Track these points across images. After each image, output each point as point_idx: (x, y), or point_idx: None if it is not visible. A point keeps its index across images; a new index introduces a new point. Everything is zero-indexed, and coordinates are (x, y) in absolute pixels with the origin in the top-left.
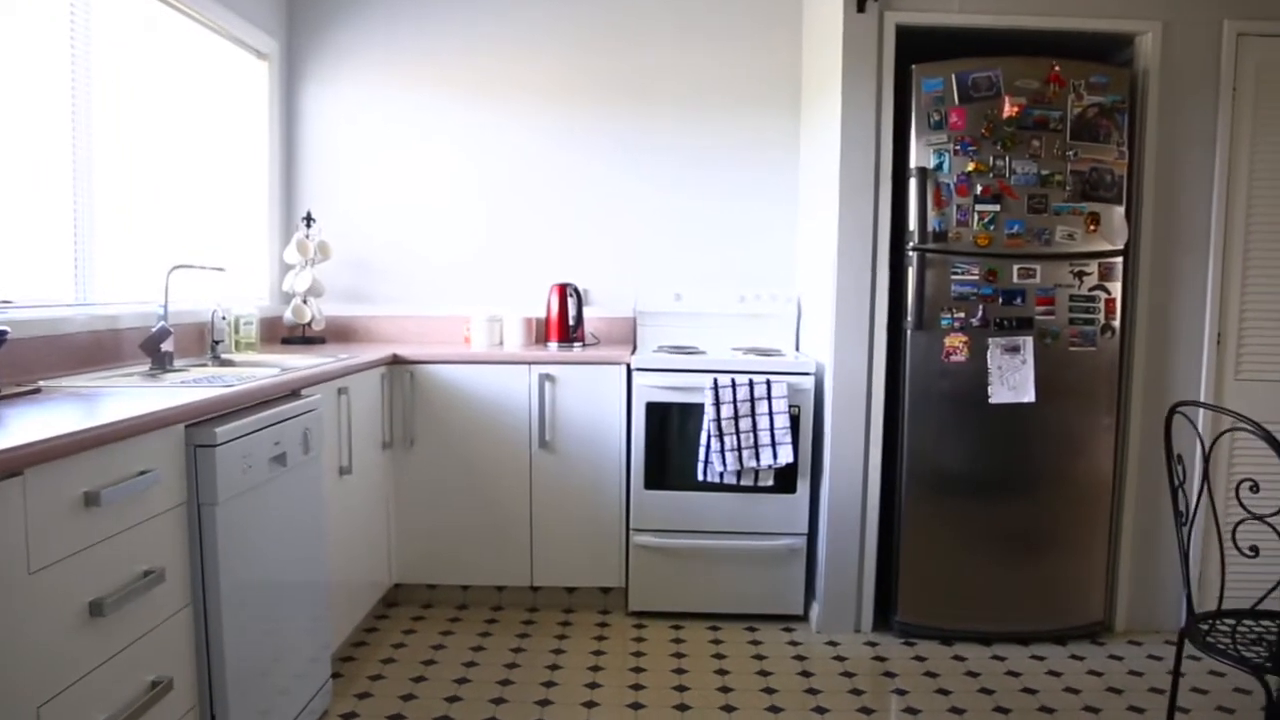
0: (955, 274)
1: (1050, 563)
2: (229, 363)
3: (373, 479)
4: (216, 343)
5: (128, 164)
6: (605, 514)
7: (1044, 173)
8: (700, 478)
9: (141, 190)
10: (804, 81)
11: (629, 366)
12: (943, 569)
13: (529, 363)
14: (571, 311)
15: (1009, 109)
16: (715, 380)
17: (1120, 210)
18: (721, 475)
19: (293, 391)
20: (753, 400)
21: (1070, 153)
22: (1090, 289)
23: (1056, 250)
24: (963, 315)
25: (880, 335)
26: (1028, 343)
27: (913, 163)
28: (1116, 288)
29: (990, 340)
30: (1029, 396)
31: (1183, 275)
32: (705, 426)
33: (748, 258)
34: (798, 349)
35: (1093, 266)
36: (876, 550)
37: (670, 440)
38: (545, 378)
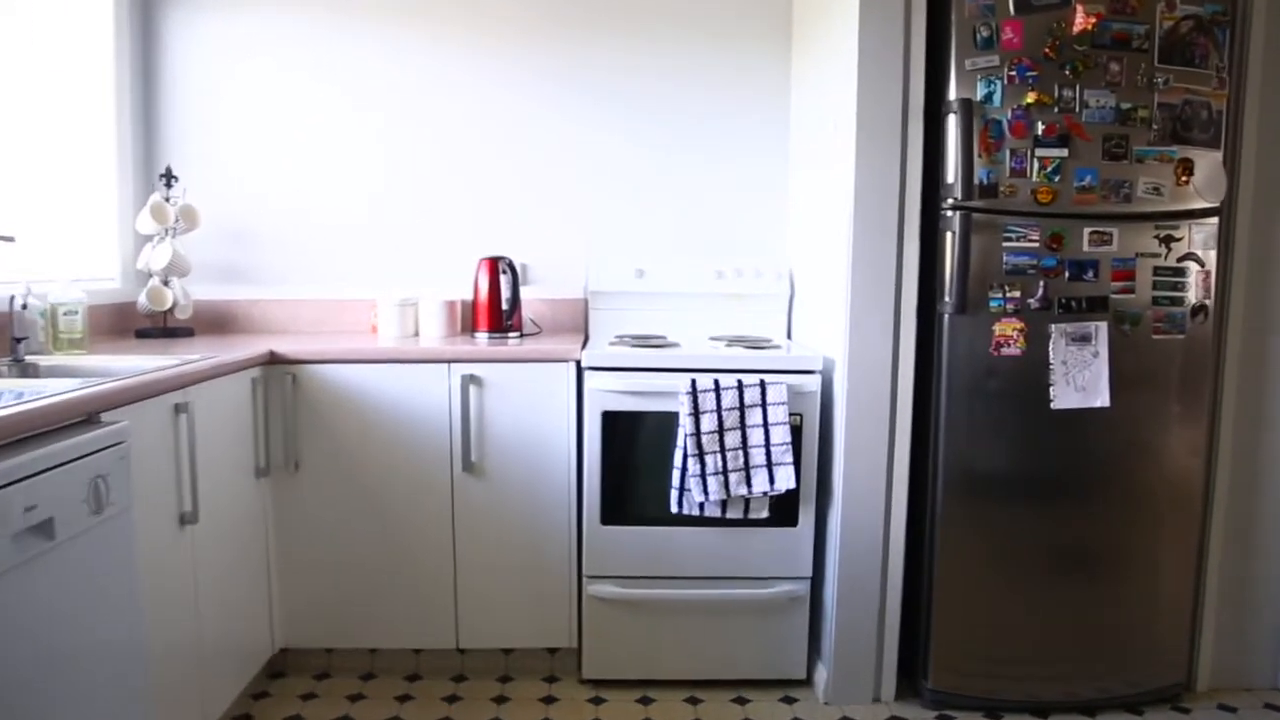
0: (1008, 240)
1: (1122, 610)
2: (32, 369)
3: (239, 520)
4: (18, 340)
5: None
6: (551, 557)
7: (1124, 106)
8: (675, 509)
9: None
10: (797, 1)
11: (579, 364)
12: (986, 621)
13: (449, 360)
14: (505, 292)
15: (1082, 21)
16: (693, 382)
17: (1218, 156)
18: (702, 506)
19: (88, 417)
20: (742, 408)
21: (1159, 80)
22: (1180, 259)
23: (1138, 209)
24: (1018, 295)
25: (909, 321)
26: (1101, 330)
27: (953, 93)
28: (1212, 257)
29: (1053, 327)
30: (1102, 399)
31: None
32: (681, 443)
33: (727, 224)
34: (789, 337)
35: (1183, 229)
36: (901, 597)
37: (635, 461)
38: (470, 380)
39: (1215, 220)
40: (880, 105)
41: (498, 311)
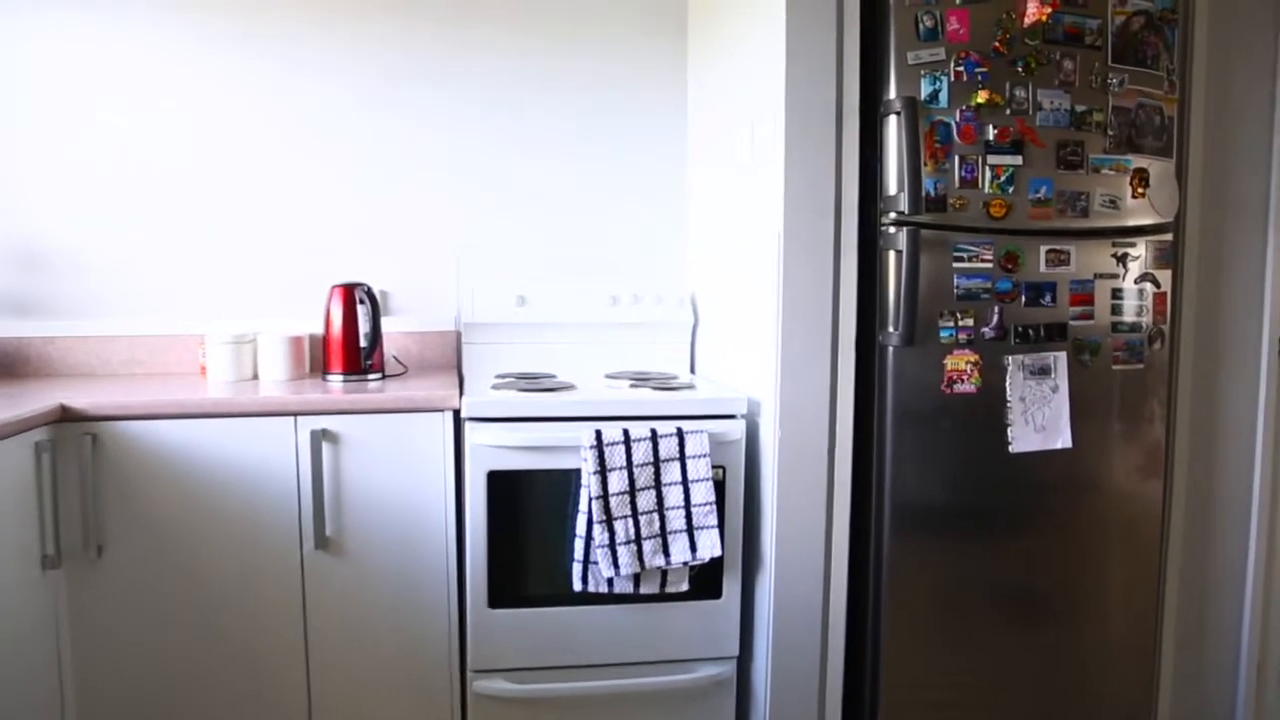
0: (959, 260)
1: (1080, 654)
2: None
3: (19, 627)
4: None
5: None
6: (427, 650)
7: (1079, 109)
8: (578, 586)
9: None
10: None
11: (458, 414)
12: (938, 675)
13: (295, 412)
14: (363, 325)
15: (1035, 12)
16: (598, 434)
17: (1171, 166)
18: (611, 581)
19: None
20: (657, 463)
21: (1113, 81)
22: (1137, 280)
23: (1095, 224)
24: (970, 323)
25: (848, 356)
26: (1061, 361)
27: (893, 91)
28: (1167, 277)
29: (1010, 359)
30: (1063, 440)
31: (1235, 257)
32: (585, 507)
33: (621, 242)
34: (693, 371)
35: (1140, 246)
36: (844, 675)
37: (528, 530)
38: (322, 435)
39: (1170, 236)
40: (812, 104)
41: (354, 348)
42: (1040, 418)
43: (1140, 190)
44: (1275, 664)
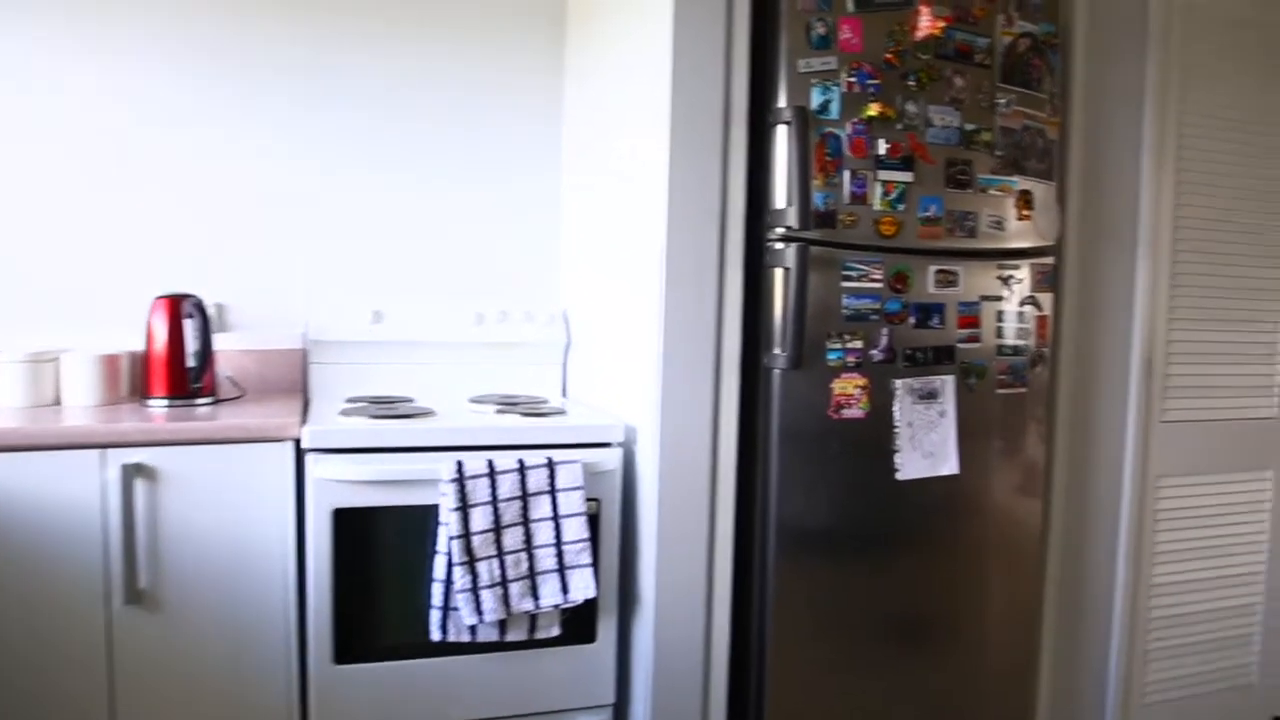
0: (848, 279)
1: (965, 676)
2: None
3: None
4: None
5: None
6: (263, 714)
7: (968, 127)
8: (437, 635)
9: None
10: None
11: (299, 444)
12: (826, 706)
13: (104, 444)
14: (192, 343)
15: (928, 25)
16: (460, 466)
17: (1054, 189)
18: (474, 629)
19: None
20: (525, 497)
21: (1000, 101)
22: (1021, 302)
23: (982, 244)
24: (859, 345)
25: (731, 379)
26: (948, 385)
27: (783, 99)
28: (1049, 300)
29: (898, 383)
30: (950, 466)
31: (1109, 280)
32: (445, 547)
33: (488, 255)
34: (564, 395)
35: (1024, 269)
36: (728, 712)
37: (379, 574)
38: (135, 472)
39: (1051, 259)
40: (698, 111)
41: (181, 369)
42: (928, 443)
43: (1025, 212)
44: (1139, 682)
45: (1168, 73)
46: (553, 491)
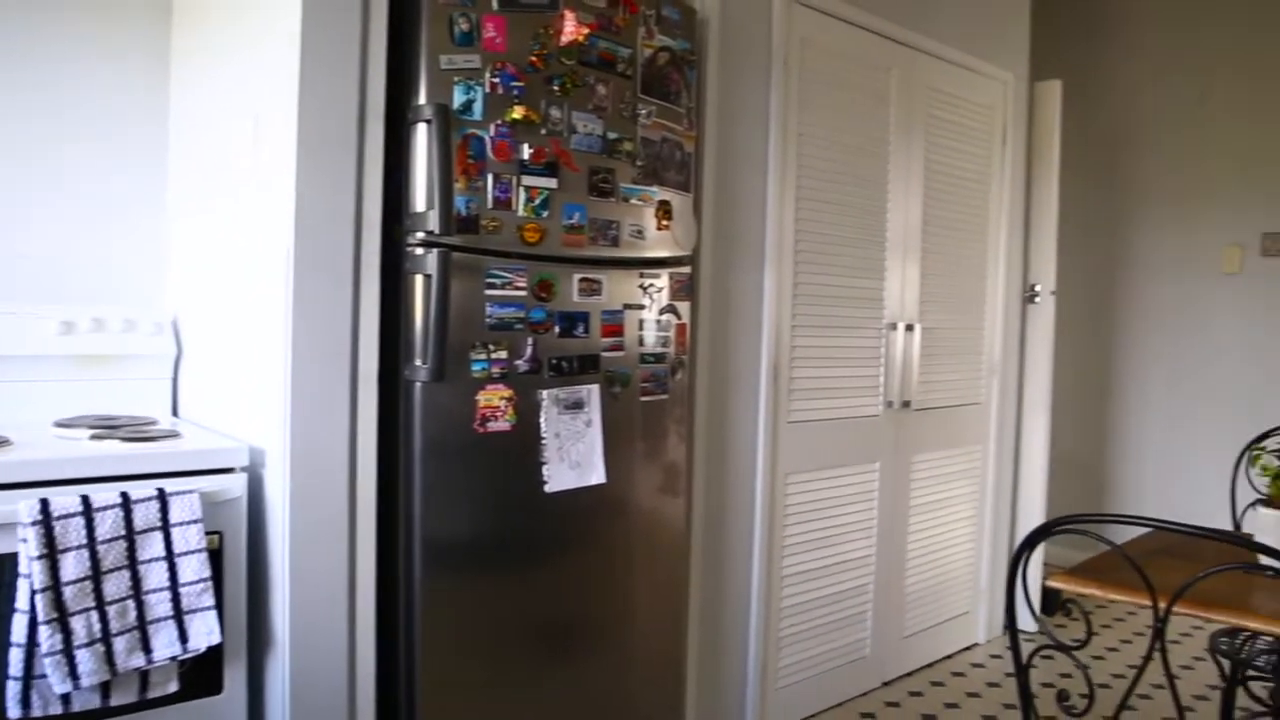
0: (492, 287)
1: (620, 680)
2: None
3: None
4: None
5: None
6: None
7: (611, 136)
8: (16, 712)
9: None
10: None
11: None
12: None
13: None
14: None
15: (573, 31)
16: (44, 505)
17: (690, 201)
18: (69, 698)
19: None
20: (131, 536)
21: (642, 112)
22: (661, 311)
23: (625, 253)
24: (504, 355)
25: (370, 394)
26: (594, 394)
27: (423, 97)
28: (687, 309)
29: (544, 394)
30: (598, 475)
31: (740, 290)
32: (25, 604)
33: (78, 257)
34: (176, 414)
35: (664, 278)
36: None
37: None
38: None
39: (688, 269)
40: (331, 104)
41: None
42: (575, 454)
43: (664, 222)
44: (774, 667)
45: (788, 96)
46: (165, 527)
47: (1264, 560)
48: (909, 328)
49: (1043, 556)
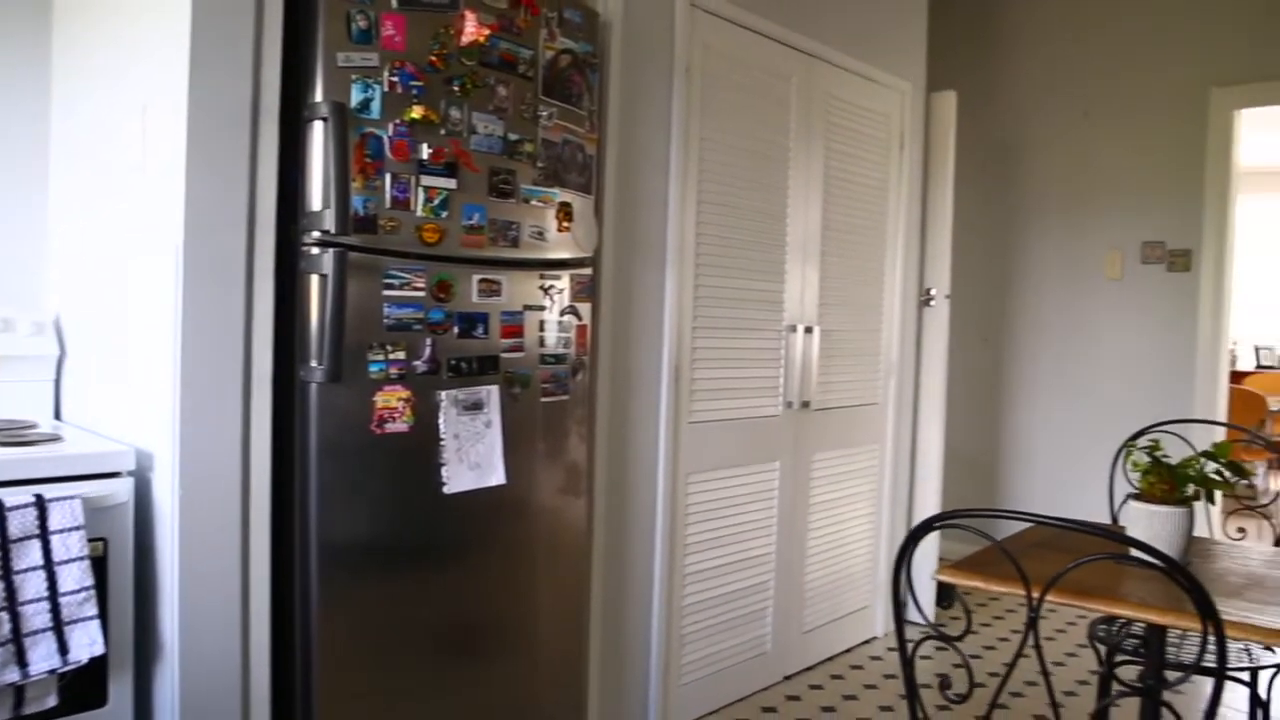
0: (390, 287)
1: (522, 684)
2: None
3: None
4: None
5: None
6: None
7: (512, 137)
8: None
9: None
10: None
11: None
12: None
13: None
14: None
15: (473, 31)
16: None
17: (591, 203)
18: None
19: None
20: (5, 545)
21: (543, 113)
22: (562, 312)
23: (525, 254)
24: (402, 356)
25: (263, 396)
26: (493, 395)
27: (320, 94)
28: (588, 310)
29: (443, 395)
30: (497, 477)
31: (641, 291)
32: None
33: None
34: (58, 418)
35: (565, 280)
36: None
37: None
38: None
39: (590, 270)
40: (223, 98)
41: None
42: (474, 455)
43: (565, 224)
44: (676, 665)
45: (690, 101)
46: (44, 535)
47: (1134, 552)
48: (808, 330)
49: (938, 551)
